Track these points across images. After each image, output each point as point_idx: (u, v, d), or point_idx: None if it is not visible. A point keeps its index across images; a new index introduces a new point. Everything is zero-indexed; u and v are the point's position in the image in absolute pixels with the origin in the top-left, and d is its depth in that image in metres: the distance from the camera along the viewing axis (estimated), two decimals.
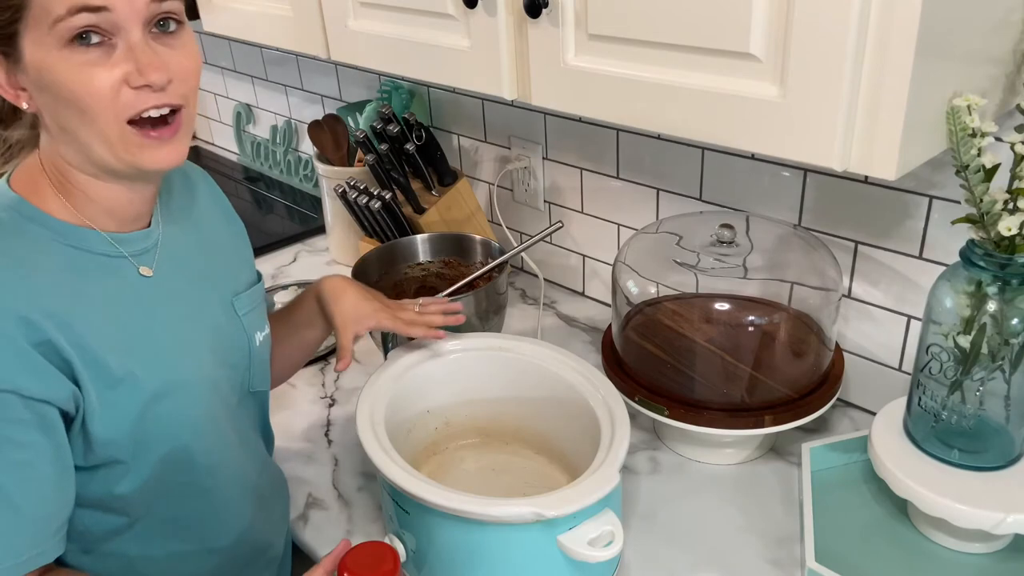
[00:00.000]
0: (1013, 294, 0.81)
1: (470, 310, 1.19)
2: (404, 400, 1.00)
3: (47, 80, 0.68)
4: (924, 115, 0.71)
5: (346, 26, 1.13)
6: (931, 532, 0.92)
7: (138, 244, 0.80)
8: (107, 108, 0.69)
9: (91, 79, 0.68)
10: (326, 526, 1.03)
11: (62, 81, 0.67)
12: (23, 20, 0.66)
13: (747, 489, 1.04)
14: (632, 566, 0.94)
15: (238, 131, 2.23)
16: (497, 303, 1.26)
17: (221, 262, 0.91)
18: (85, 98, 0.68)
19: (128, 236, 0.79)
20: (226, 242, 0.95)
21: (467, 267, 1.36)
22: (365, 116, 1.58)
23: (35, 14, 0.66)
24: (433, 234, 1.39)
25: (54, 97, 0.69)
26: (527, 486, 1.02)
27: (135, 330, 0.77)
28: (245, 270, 0.95)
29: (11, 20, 0.67)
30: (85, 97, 0.68)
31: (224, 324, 0.88)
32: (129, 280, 0.78)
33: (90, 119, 0.69)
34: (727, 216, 1.17)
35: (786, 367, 1.06)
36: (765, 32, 0.71)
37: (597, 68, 0.85)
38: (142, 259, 0.80)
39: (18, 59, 0.68)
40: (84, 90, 0.68)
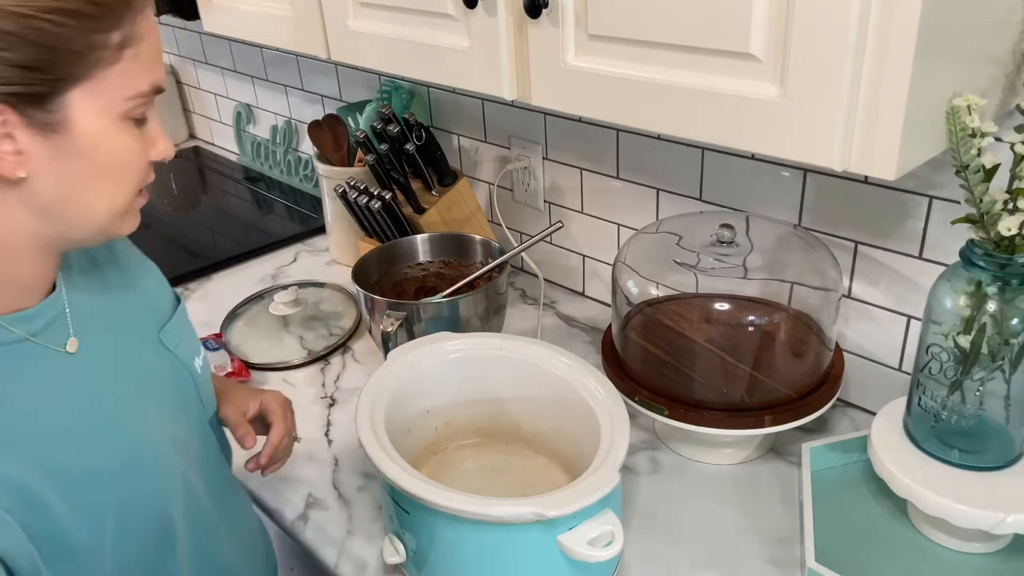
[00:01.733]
0: (1013, 294, 0.81)
1: (470, 310, 1.19)
2: (404, 400, 1.00)
3: (98, 150, 0.65)
4: (924, 115, 0.71)
5: (346, 26, 1.13)
6: (931, 532, 0.92)
7: (46, 315, 0.72)
8: (139, 179, 0.70)
9: (139, 152, 0.68)
10: (326, 526, 1.03)
11: (117, 152, 0.66)
12: (81, 83, 0.62)
13: (747, 489, 1.04)
14: (632, 566, 0.94)
15: (238, 131, 2.23)
16: (497, 303, 1.26)
17: (134, 300, 0.84)
18: (131, 169, 0.68)
19: (29, 313, 0.70)
20: (131, 274, 0.86)
21: (467, 267, 1.36)
22: (365, 116, 1.58)
23: (108, 84, 0.63)
24: (433, 234, 1.39)
25: (91, 166, 0.66)
26: (527, 486, 1.02)
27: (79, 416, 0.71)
28: (161, 296, 0.88)
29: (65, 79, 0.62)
30: (131, 170, 0.68)
31: (159, 366, 0.82)
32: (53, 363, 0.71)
33: (119, 190, 0.68)
34: (727, 216, 1.17)
35: (786, 367, 1.06)
36: (765, 32, 0.71)
37: (597, 68, 0.85)
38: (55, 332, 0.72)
39: (52, 124, 0.62)
40: (133, 163, 0.68)
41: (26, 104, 0.61)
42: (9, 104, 0.60)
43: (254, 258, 1.73)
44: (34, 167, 0.63)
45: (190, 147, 2.42)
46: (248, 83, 2.11)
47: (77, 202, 0.67)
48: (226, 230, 1.91)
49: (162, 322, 0.85)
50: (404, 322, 1.18)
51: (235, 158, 2.30)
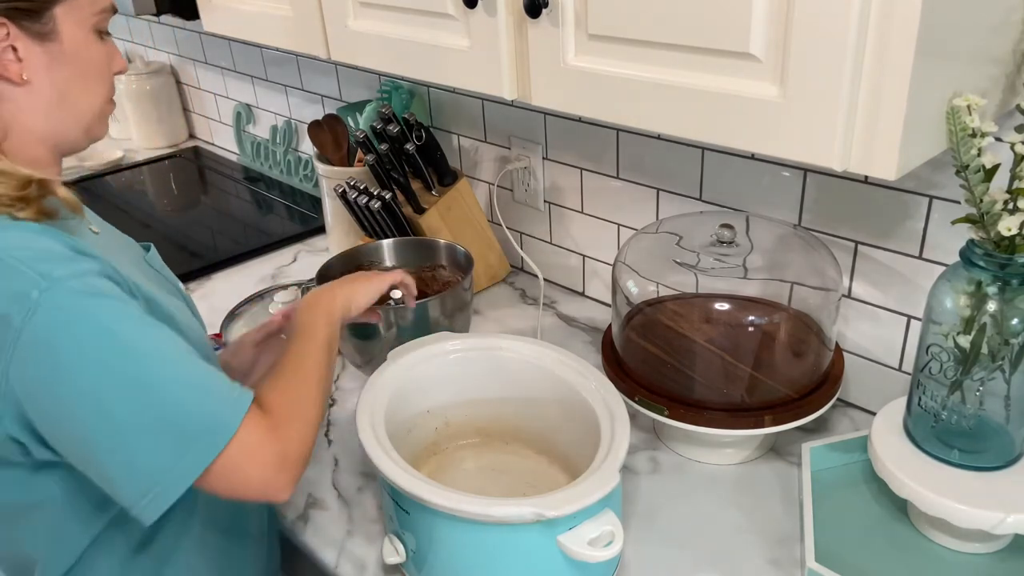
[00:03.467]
0: (1013, 294, 0.81)
1: (436, 312, 1.19)
2: (404, 400, 1.00)
3: (80, 56, 0.79)
4: (924, 115, 0.71)
5: (346, 26, 1.13)
6: (931, 532, 0.92)
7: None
8: (109, 85, 0.84)
9: (107, 62, 0.83)
10: (326, 526, 1.03)
11: (93, 59, 0.81)
12: (62, 3, 0.76)
13: (747, 489, 1.04)
14: (632, 566, 0.94)
15: (238, 131, 2.23)
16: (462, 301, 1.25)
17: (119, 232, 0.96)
18: (103, 75, 0.83)
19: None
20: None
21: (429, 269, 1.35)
22: (365, 116, 1.58)
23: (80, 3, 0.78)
24: (398, 239, 1.38)
25: (77, 70, 0.79)
26: (527, 486, 1.02)
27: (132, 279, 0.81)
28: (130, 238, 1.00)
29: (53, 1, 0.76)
30: (104, 75, 0.83)
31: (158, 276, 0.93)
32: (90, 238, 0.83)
33: (97, 93, 0.83)
34: (727, 216, 1.17)
35: (786, 367, 1.06)
36: (765, 32, 0.71)
37: (597, 68, 0.85)
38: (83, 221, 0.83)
39: (44, 34, 0.76)
40: (105, 69, 0.83)
41: (23, 18, 0.75)
42: (11, 18, 0.74)
43: (254, 258, 1.73)
44: (34, 72, 0.77)
45: (190, 147, 2.42)
46: (248, 83, 2.11)
47: (69, 102, 0.80)
48: (226, 230, 1.90)
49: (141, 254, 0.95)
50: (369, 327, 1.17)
51: (235, 158, 2.29)
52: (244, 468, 0.72)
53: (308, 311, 0.92)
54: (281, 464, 0.74)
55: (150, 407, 0.69)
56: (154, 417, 0.69)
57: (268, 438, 0.73)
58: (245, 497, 0.75)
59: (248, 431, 0.72)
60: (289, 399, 0.79)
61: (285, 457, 0.74)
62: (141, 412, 0.69)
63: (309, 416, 0.79)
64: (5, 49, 0.74)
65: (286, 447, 0.75)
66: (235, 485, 0.73)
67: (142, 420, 0.69)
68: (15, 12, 0.74)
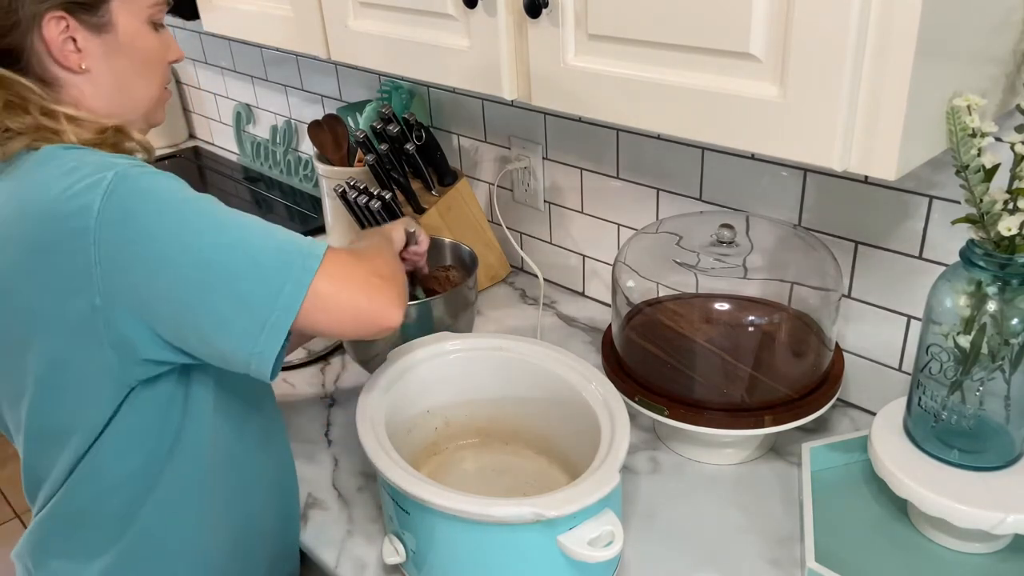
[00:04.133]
0: (1013, 294, 0.81)
1: (440, 311, 1.19)
2: (404, 400, 1.00)
3: (135, 47, 0.84)
4: (924, 115, 0.71)
5: (346, 26, 1.13)
6: (931, 532, 0.92)
7: None
8: (164, 75, 0.90)
9: (162, 52, 0.88)
10: (326, 526, 1.03)
11: (148, 49, 0.86)
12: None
13: (747, 489, 1.04)
14: (632, 566, 0.94)
15: (238, 131, 2.23)
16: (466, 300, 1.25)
17: None
18: (158, 66, 0.88)
19: None
20: None
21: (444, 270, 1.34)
22: (365, 116, 1.58)
23: None
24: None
25: (133, 60, 0.85)
26: (527, 486, 1.02)
27: None
28: None
29: None
30: (158, 66, 0.88)
31: None
32: None
33: (152, 82, 0.88)
34: (727, 216, 1.17)
35: (786, 367, 1.06)
36: (765, 32, 0.71)
37: (597, 68, 0.85)
38: None
39: (101, 26, 0.81)
40: (160, 59, 0.88)
41: (81, 11, 0.80)
42: (69, 11, 0.79)
43: None
44: (92, 62, 0.82)
45: (190, 147, 2.42)
46: (248, 83, 2.11)
47: (127, 90, 0.86)
48: None
49: None
50: None
51: (235, 158, 2.29)
52: (338, 291, 0.75)
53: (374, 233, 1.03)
54: (376, 284, 0.78)
55: (238, 247, 0.73)
56: (245, 254, 0.73)
57: (353, 260, 0.78)
58: (344, 325, 0.77)
59: (333, 259, 0.76)
60: (369, 252, 0.86)
61: (380, 276, 0.79)
62: (232, 251, 0.73)
63: (393, 266, 0.87)
64: (66, 40, 0.79)
65: (376, 269, 0.80)
66: (332, 313, 0.75)
67: (235, 259, 0.73)
68: (73, 6, 0.79)
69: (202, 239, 0.73)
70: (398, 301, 0.79)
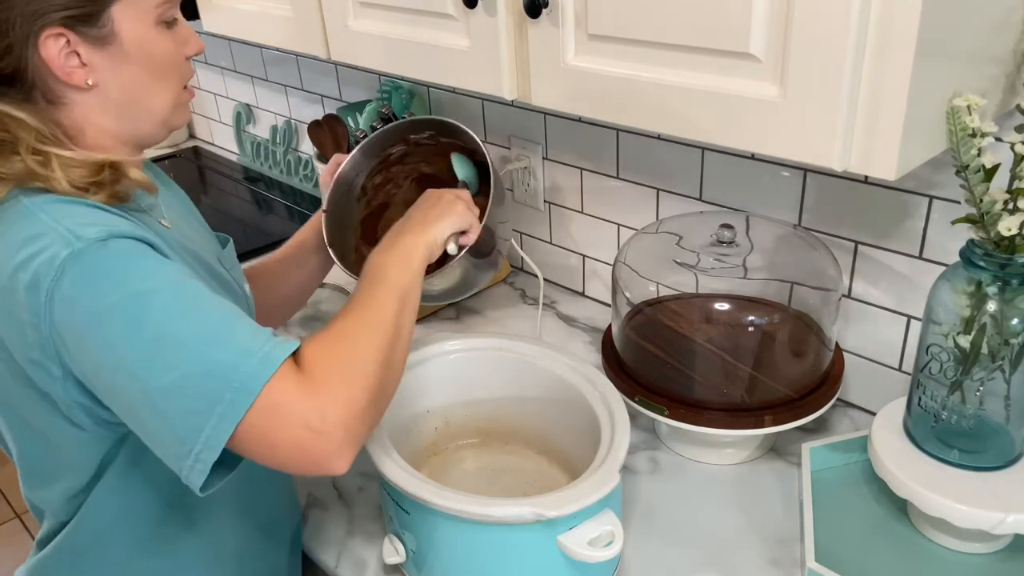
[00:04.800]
0: (1013, 294, 0.81)
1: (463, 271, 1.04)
2: (404, 400, 1.00)
3: (144, 52, 0.77)
4: (924, 115, 0.71)
5: (346, 26, 1.13)
6: (931, 532, 0.92)
7: (146, 199, 0.82)
8: (181, 75, 0.82)
9: (176, 52, 0.80)
10: (326, 526, 1.03)
11: (159, 53, 0.78)
12: (118, 2, 0.74)
13: (747, 489, 1.04)
14: (632, 566, 0.94)
15: (238, 131, 2.23)
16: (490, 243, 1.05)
17: (198, 227, 0.96)
18: (172, 67, 0.80)
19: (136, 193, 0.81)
20: (192, 211, 0.99)
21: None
22: (365, 116, 1.58)
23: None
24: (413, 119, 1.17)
25: (143, 68, 0.78)
26: (527, 486, 1.02)
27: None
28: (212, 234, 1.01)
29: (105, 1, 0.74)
30: (173, 67, 0.80)
31: (226, 277, 0.92)
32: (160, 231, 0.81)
33: (167, 86, 0.81)
34: (727, 216, 1.17)
35: (786, 367, 1.06)
36: (765, 32, 0.71)
37: (597, 68, 0.85)
38: (155, 213, 0.83)
39: (103, 37, 0.74)
40: (174, 61, 0.80)
41: (80, 24, 0.73)
42: (67, 26, 0.72)
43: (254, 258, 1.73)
44: (99, 76, 0.76)
45: (190, 147, 2.42)
46: (248, 83, 2.11)
47: (139, 100, 0.79)
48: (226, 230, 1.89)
49: (217, 249, 0.96)
50: None
51: (235, 158, 2.29)
52: (272, 430, 0.67)
53: (382, 253, 0.84)
54: (319, 427, 0.67)
55: (171, 368, 0.66)
56: (180, 376, 0.66)
57: (299, 397, 0.67)
58: (285, 466, 0.69)
59: (276, 389, 0.67)
60: (337, 353, 0.72)
61: (324, 420, 0.67)
62: (164, 374, 0.66)
63: (363, 374, 0.71)
64: (69, 56, 0.73)
65: (324, 408, 0.68)
66: (266, 450, 0.68)
67: (169, 380, 0.66)
68: (71, 20, 0.72)
69: (136, 351, 0.66)
70: (345, 448, 0.69)
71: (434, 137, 1.16)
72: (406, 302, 0.79)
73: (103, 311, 0.67)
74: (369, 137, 1.14)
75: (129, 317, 0.67)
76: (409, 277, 0.81)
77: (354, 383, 0.70)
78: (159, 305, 0.68)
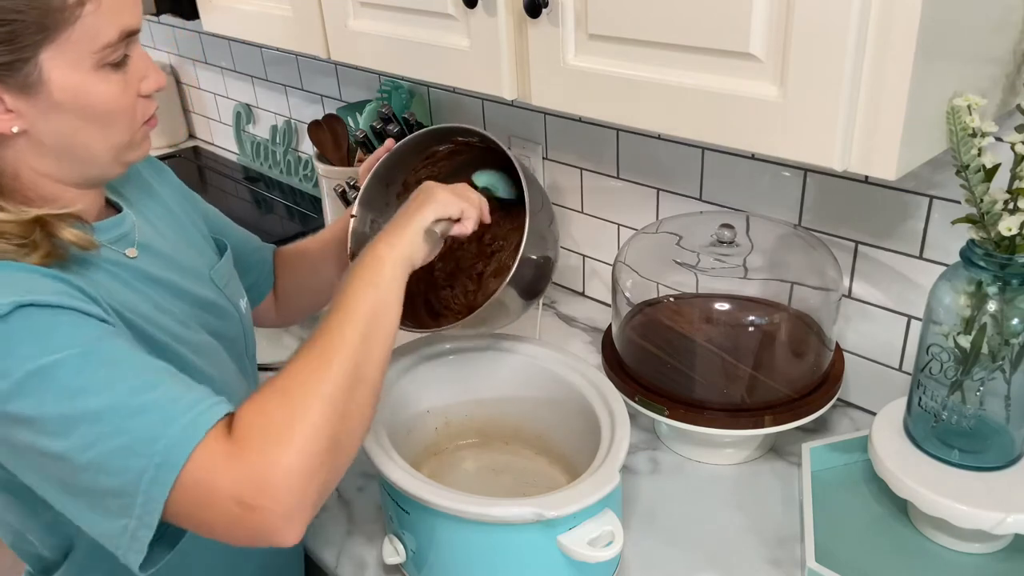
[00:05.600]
0: (1013, 294, 0.81)
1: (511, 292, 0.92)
2: (404, 400, 1.00)
3: (78, 100, 0.69)
4: (924, 115, 0.71)
5: (346, 26, 1.13)
6: (931, 532, 0.92)
7: (115, 231, 0.79)
8: (131, 118, 0.74)
9: (122, 96, 0.72)
10: (326, 526, 1.03)
11: (98, 101, 0.70)
12: (46, 46, 0.66)
13: (747, 489, 1.04)
14: (632, 566, 0.94)
15: (238, 131, 2.23)
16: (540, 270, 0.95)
17: (190, 239, 0.92)
18: (117, 113, 0.72)
19: (102, 225, 0.78)
20: (186, 217, 0.94)
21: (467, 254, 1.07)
22: (365, 116, 1.58)
23: (73, 38, 0.67)
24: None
25: (78, 116, 0.70)
26: (527, 486, 1.02)
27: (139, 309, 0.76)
28: (210, 241, 0.96)
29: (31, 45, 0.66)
30: (117, 112, 0.72)
31: (212, 298, 0.87)
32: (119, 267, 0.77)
33: (113, 131, 0.73)
34: (727, 216, 1.17)
35: (786, 367, 1.06)
36: (765, 32, 0.71)
37: (597, 68, 0.85)
38: (123, 243, 0.79)
39: (28, 85, 0.67)
40: (118, 106, 0.72)
41: (2, 70, 0.66)
42: None
43: None
44: (27, 122, 0.69)
45: (190, 147, 2.42)
46: (248, 83, 2.11)
47: (76, 146, 0.72)
48: None
49: (212, 263, 0.91)
50: None
51: (235, 158, 2.29)
52: (200, 508, 0.61)
53: (356, 270, 0.74)
54: (252, 500, 0.60)
55: (92, 443, 0.61)
56: (98, 454, 0.61)
57: (226, 469, 0.61)
58: (228, 541, 0.63)
59: (199, 462, 0.61)
60: (275, 410, 0.64)
61: (259, 491, 0.60)
62: (83, 450, 0.61)
63: (309, 429, 0.63)
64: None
65: (259, 478, 0.61)
66: (201, 528, 0.62)
67: (87, 458, 0.61)
68: None
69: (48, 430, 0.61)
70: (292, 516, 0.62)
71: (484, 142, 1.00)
72: (373, 325, 0.70)
73: (7, 392, 0.61)
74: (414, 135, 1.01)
75: (34, 394, 0.61)
76: (376, 294, 0.72)
77: (296, 442, 0.62)
78: (65, 377, 0.62)
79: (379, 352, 0.71)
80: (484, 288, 1.04)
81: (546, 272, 0.97)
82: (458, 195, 0.83)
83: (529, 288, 0.95)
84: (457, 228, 0.83)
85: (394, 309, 0.73)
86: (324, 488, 0.64)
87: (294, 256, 1.09)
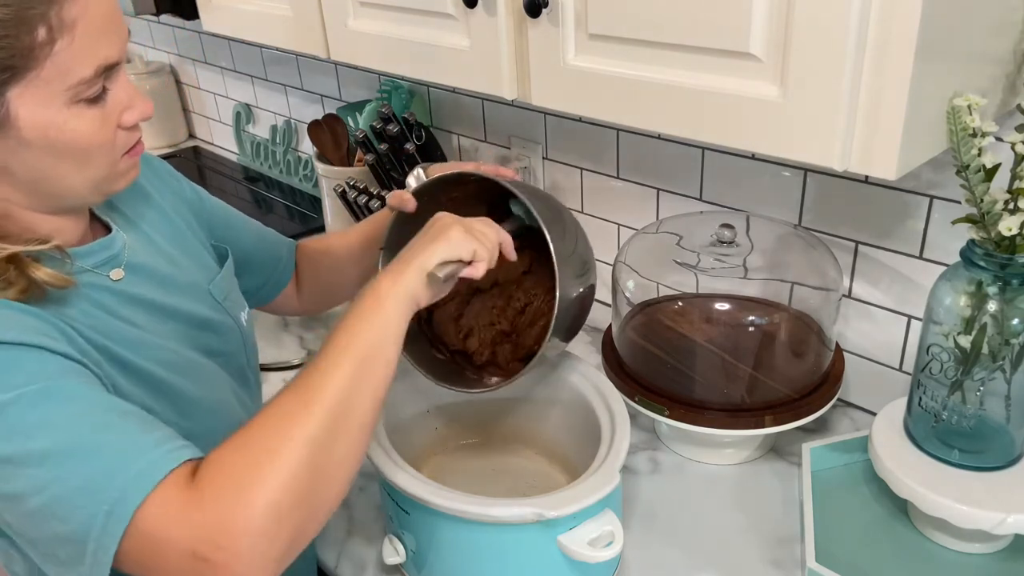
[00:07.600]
0: (1013, 294, 0.81)
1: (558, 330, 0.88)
2: (404, 400, 1.00)
3: (50, 138, 0.66)
4: (924, 115, 0.71)
5: (346, 26, 1.13)
6: (931, 532, 0.92)
7: (102, 254, 0.76)
8: (109, 151, 0.71)
9: (100, 130, 0.69)
10: (326, 526, 1.02)
11: (71, 136, 0.67)
12: (14, 83, 0.63)
13: (747, 489, 1.04)
14: (632, 566, 0.94)
15: (238, 131, 2.23)
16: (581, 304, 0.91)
17: (189, 250, 0.88)
18: (92, 148, 0.69)
19: (85, 249, 0.75)
20: (185, 225, 0.91)
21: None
22: (365, 116, 1.58)
23: (43, 76, 0.64)
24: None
25: (50, 153, 0.67)
26: (527, 486, 1.02)
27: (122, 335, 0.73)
28: (210, 250, 0.93)
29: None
30: (93, 148, 0.69)
31: (208, 315, 0.85)
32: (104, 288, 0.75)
33: (89, 167, 0.70)
34: (727, 216, 1.17)
35: (786, 367, 1.06)
36: (765, 32, 0.71)
37: (597, 68, 0.85)
38: (108, 265, 0.76)
39: None
40: (93, 141, 0.69)
41: None
42: None
43: None
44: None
45: (190, 147, 2.42)
46: (248, 83, 2.11)
47: (50, 180, 0.69)
48: None
49: (211, 276, 0.88)
50: None
51: (235, 158, 2.29)
52: (152, 560, 0.58)
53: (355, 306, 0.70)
54: (209, 553, 0.57)
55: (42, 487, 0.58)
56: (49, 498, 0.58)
57: (181, 519, 0.57)
58: None
59: (151, 511, 0.58)
60: (246, 459, 0.60)
61: (217, 544, 0.57)
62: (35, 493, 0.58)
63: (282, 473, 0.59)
64: None
65: (219, 529, 0.57)
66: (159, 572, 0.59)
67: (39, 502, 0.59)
68: None
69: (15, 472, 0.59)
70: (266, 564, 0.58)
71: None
72: (366, 367, 0.66)
73: None
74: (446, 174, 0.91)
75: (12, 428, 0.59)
76: (372, 334, 0.67)
77: (262, 493, 0.58)
78: (17, 416, 0.59)
79: (369, 398, 0.66)
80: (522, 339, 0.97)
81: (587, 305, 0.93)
82: (473, 234, 0.76)
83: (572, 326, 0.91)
84: (467, 271, 0.76)
85: (391, 351, 0.69)
86: (293, 543, 0.60)
87: (318, 252, 1.08)
